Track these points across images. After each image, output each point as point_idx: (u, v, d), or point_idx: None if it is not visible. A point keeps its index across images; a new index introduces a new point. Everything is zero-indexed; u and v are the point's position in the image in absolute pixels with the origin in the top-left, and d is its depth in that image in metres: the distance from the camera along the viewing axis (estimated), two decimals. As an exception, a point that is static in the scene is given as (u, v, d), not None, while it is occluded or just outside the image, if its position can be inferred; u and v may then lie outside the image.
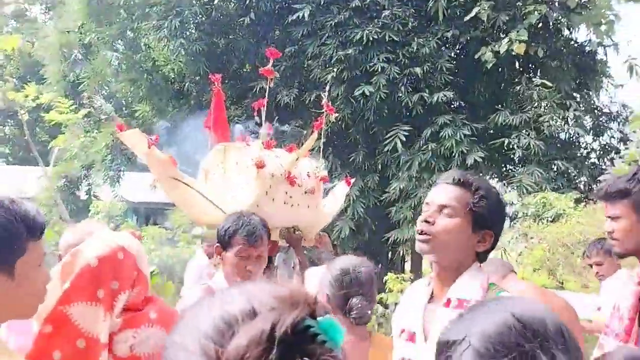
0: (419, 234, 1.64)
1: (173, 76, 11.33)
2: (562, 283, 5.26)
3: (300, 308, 0.57)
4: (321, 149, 3.47)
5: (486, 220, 1.62)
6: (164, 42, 10.57)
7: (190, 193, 2.88)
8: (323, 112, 3.46)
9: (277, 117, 9.53)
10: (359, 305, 2.04)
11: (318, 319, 0.57)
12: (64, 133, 10.38)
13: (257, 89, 9.61)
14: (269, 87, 3.30)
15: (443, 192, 1.66)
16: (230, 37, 10.89)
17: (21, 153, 30.37)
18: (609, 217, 1.91)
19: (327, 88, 3.94)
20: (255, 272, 2.29)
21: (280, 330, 0.55)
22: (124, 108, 13.63)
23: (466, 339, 0.89)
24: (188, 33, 10.22)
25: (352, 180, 4.02)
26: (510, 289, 1.66)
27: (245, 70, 11.17)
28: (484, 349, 0.87)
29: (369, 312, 2.07)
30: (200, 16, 10.25)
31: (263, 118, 3.26)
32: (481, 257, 1.67)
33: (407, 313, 1.72)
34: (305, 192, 3.14)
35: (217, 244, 2.35)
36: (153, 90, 11.21)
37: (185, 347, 0.60)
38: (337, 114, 3.65)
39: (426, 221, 1.63)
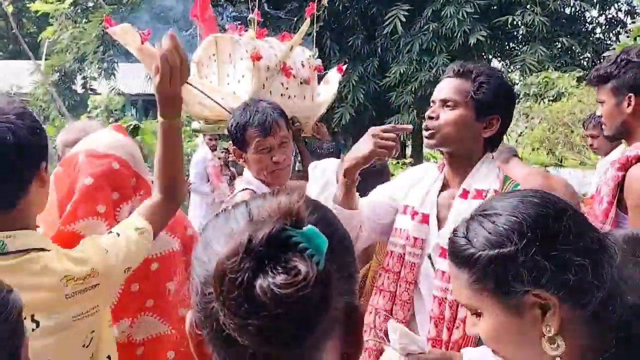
0: (425, 130, 1.68)
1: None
2: (561, 160, 5.36)
3: (278, 218, 0.58)
4: (314, 37, 3.35)
5: (490, 105, 1.63)
6: None
7: (185, 88, 2.80)
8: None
9: (269, 1, 9.18)
10: None
11: (303, 228, 0.58)
12: (52, 24, 9.99)
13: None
14: None
15: (444, 86, 1.68)
16: None
17: (11, 46, 29.44)
18: (598, 101, 1.93)
19: None
20: (284, 161, 2.03)
21: (255, 240, 0.57)
22: (111, -5, 13.00)
23: None
24: None
25: (346, 67, 3.84)
26: (515, 175, 1.69)
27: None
28: None
29: None
30: None
31: (255, 3, 3.13)
32: (492, 142, 1.71)
33: (415, 193, 1.75)
34: (301, 83, 3.08)
35: (234, 147, 2.06)
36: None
37: (202, 262, 0.64)
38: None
39: (430, 117, 1.67)
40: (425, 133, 1.69)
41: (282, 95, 2.95)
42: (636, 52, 1.83)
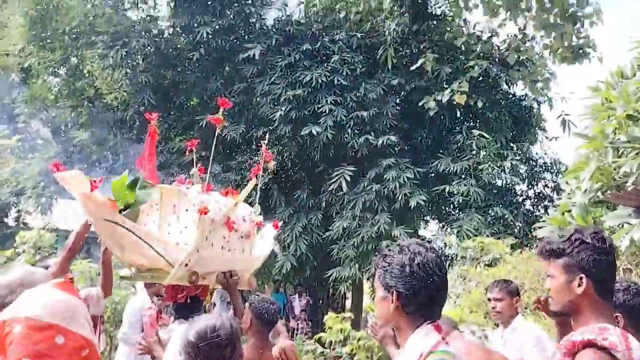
0: None
1: (116, 105, 11.07)
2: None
3: None
4: (257, 194, 3.44)
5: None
6: (108, 70, 10.36)
7: (126, 236, 2.72)
8: (260, 160, 3.44)
9: (222, 152, 9.48)
10: None
11: None
12: (-6, 158, 9.89)
13: (204, 123, 9.53)
14: (217, 132, 3.25)
15: None
16: (179, 70, 10.82)
17: (-55, 177, 28.55)
18: (547, 274, 1.94)
19: (266, 137, 3.99)
20: None
21: None
22: (62, 134, 13.16)
23: None
24: (134, 64, 10.09)
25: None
26: (457, 347, 1.64)
27: (192, 103, 11.08)
28: None
29: None
30: (148, 48, 10.14)
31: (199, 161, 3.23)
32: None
33: None
34: (242, 237, 3.09)
35: None
36: (94, 118, 10.91)
37: None
38: (274, 163, 3.62)
39: None
40: None
41: (222, 247, 2.93)
42: (590, 233, 1.85)
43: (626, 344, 1.68)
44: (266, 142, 3.54)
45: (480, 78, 9.74)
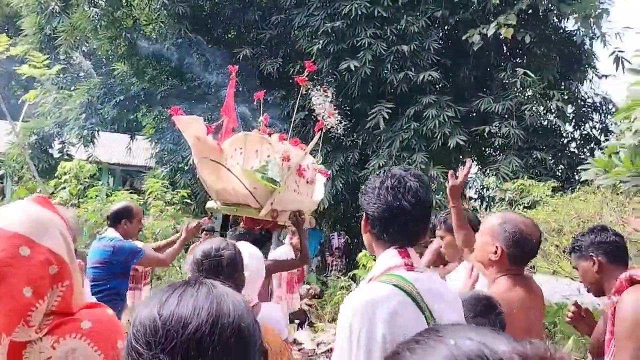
0: None
1: (154, 36, 10.99)
2: (534, 267, 5.33)
3: None
4: (320, 145, 3.78)
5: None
6: (146, 0, 10.22)
7: (225, 175, 3.22)
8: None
9: (259, 86, 9.39)
10: None
11: None
12: (36, 88, 9.99)
13: (241, 56, 9.41)
14: (308, 80, 3.60)
15: None
16: (216, 1, 10.59)
17: (-7, 106, 29.43)
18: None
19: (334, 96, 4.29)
20: None
21: None
22: (102, 66, 13.26)
23: None
24: (172, -7, 9.90)
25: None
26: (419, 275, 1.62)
27: (229, 36, 10.91)
28: None
29: None
30: (185, -24, 9.91)
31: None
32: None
33: None
34: (307, 182, 3.54)
35: None
36: (133, 50, 10.89)
37: None
38: (337, 118, 3.94)
39: None
40: None
41: (294, 190, 3.42)
42: None
43: None
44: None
45: (529, 11, 9.19)
